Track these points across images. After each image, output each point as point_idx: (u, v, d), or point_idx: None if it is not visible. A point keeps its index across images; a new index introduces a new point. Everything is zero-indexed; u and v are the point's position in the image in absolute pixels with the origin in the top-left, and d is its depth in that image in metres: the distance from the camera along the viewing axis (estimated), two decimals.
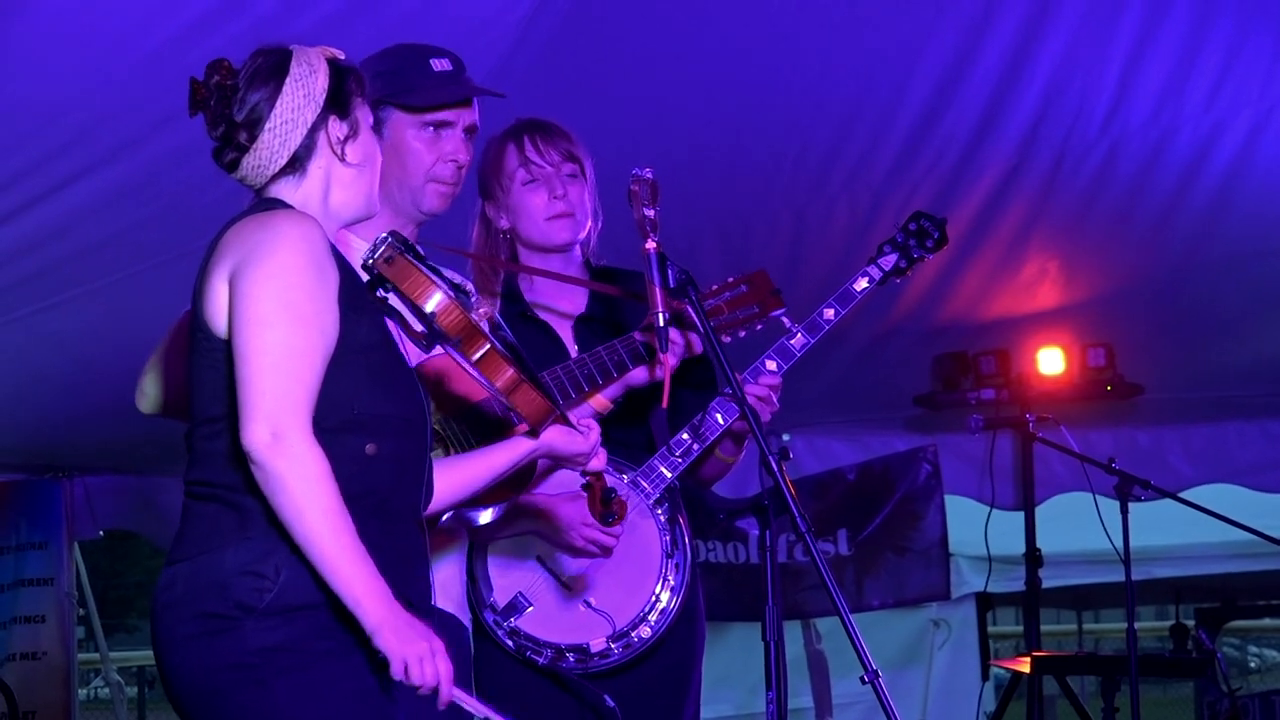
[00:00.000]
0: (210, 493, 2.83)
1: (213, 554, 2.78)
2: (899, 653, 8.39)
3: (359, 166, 2.97)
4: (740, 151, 5.68)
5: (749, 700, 7.96)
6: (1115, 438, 7.42)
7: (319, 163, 2.93)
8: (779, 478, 3.27)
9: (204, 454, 2.85)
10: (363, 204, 3.00)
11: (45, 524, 7.84)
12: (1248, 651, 16.20)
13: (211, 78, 2.91)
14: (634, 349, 3.68)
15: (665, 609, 3.80)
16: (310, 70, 2.92)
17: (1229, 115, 5.69)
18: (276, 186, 2.93)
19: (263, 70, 2.91)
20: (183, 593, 2.80)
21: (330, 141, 2.93)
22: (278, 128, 2.89)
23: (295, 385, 2.72)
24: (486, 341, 2.89)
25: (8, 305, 5.61)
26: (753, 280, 3.81)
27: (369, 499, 2.81)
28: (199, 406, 2.87)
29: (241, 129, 2.89)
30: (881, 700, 3.18)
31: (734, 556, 7.68)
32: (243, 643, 2.74)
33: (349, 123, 2.96)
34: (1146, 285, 6.61)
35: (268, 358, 2.72)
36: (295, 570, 2.74)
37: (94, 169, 4.88)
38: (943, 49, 5.40)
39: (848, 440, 7.96)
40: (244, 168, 2.92)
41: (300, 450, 2.70)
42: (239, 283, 2.76)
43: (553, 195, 3.84)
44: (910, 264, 4.00)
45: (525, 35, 4.89)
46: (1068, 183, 6.00)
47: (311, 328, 2.77)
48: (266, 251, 2.77)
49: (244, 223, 2.86)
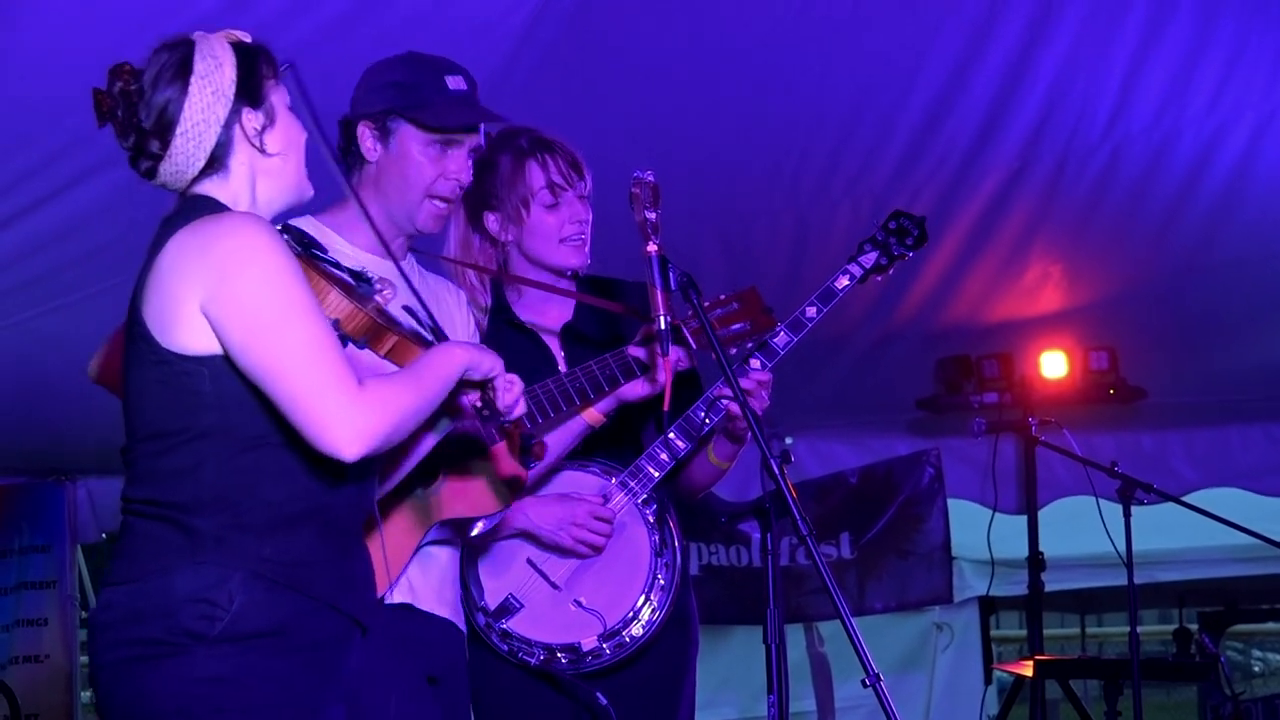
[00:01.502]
0: (157, 512, 2.75)
1: (159, 578, 2.71)
2: (902, 656, 8.39)
3: (282, 154, 2.88)
4: (742, 155, 5.67)
5: (751, 704, 7.96)
6: (1118, 441, 7.42)
7: (240, 158, 2.84)
8: (780, 481, 3.27)
9: (150, 471, 2.77)
10: (293, 192, 2.92)
11: (48, 527, 7.84)
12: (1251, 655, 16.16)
13: (114, 84, 2.82)
14: (625, 363, 3.68)
15: (656, 608, 3.81)
16: (216, 63, 2.82)
17: (1231, 119, 5.69)
18: (201, 186, 2.84)
19: (166, 70, 2.81)
20: (121, 616, 2.72)
21: (247, 134, 2.84)
22: (189, 131, 2.79)
23: (332, 370, 2.67)
24: (393, 336, 2.86)
25: (10, 309, 5.61)
26: (744, 298, 3.81)
27: (320, 514, 2.78)
28: (143, 421, 2.78)
29: (152, 137, 2.80)
30: (883, 704, 3.18)
31: (736, 559, 7.68)
32: (189, 670, 2.67)
33: (264, 111, 2.86)
34: (1149, 289, 6.60)
35: (299, 359, 2.67)
36: (249, 596, 2.69)
37: (95, 172, 4.87)
38: (945, 53, 5.40)
39: (850, 443, 7.96)
40: (162, 174, 2.84)
41: (374, 410, 2.68)
42: (227, 301, 2.69)
43: (573, 219, 3.84)
44: (891, 261, 4.02)
45: (527, 38, 4.89)
46: (1070, 186, 6.00)
47: (316, 310, 2.73)
48: (245, 261, 2.70)
49: (191, 233, 2.76)
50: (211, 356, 2.73)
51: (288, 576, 2.74)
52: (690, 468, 3.96)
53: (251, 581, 2.69)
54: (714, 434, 3.89)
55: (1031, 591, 7.25)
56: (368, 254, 3.54)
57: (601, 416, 3.73)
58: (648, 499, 3.84)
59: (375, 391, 2.70)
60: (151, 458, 2.77)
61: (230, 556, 2.70)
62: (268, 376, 2.69)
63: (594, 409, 3.72)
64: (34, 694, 7.73)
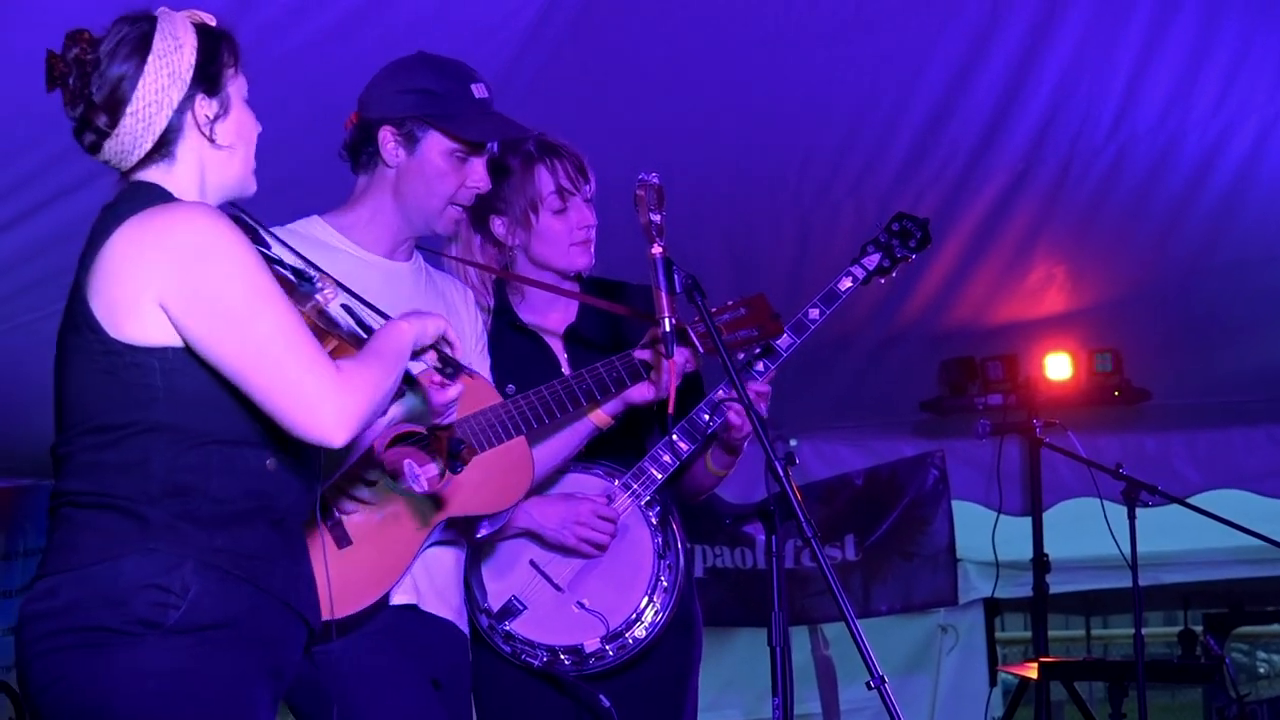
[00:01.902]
0: (104, 502, 2.67)
1: (107, 564, 2.63)
2: (907, 658, 8.38)
3: (231, 147, 2.79)
4: (745, 157, 5.67)
5: (756, 706, 7.97)
6: (1123, 443, 7.42)
7: (188, 145, 2.75)
8: (785, 483, 3.27)
9: (92, 464, 2.69)
10: (237, 185, 2.83)
11: None
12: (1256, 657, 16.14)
13: (70, 50, 2.72)
14: (632, 366, 3.68)
15: (659, 610, 3.82)
16: (175, 44, 2.72)
17: (1236, 121, 5.68)
18: (145, 171, 2.76)
19: (125, 43, 2.71)
20: (69, 601, 2.64)
21: (198, 122, 2.74)
22: (140, 111, 2.70)
23: (307, 358, 2.63)
24: (333, 339, 2.83)
25: (13, 311, 5.61)
26: (752, 303, 3.81)
27: (268, 513, 2.74)
28: (86, 414, 2.71)
29: (101, 111, 2.70)
30: (888, 706, 3.18)
31: (741, 562, 7.68)
32: (145, 661, 2.60)
33: (219, 100, 2.77)
34: (1153, 291, 6.60)
35: (273, 350, 2.62)
36: (203, 585, 2.63)
37: (98, 174, 4.85)
38: (949, 55, 5.40)
39: (855, 446, 7.95)
40: (106, 151, 2.76)
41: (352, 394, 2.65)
42: (190, 295, 2.62)
43: (581, 224, 3.85)
44: (894, 263, 4.02)
45: (531, 41, 4.89)
46: (1075, 188, 5.99)
47: (282, 298, 2.67)
48: (206, 252, 2.63)
49: (142, 223, 2.68)
50: (164, 349, 2.66)
51: (241, 568, 2.68)
52: (689, 473, 3.96)
53: (204, 570, 2.63)
54: (713, 441, 3.89)
55: (1036, 593, 7.24)
56: (373, 254, 3.55)
57: (609, 418, 3.74)
58: (651, 501, 3.85)
59: (351, 374, 2.67)
60: (94, 450, 2.69)
61: (181, 545, 2.63)
62: (241, 370, 2.64)
63: (601, 410, 3.72)
64: None
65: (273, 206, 3.07)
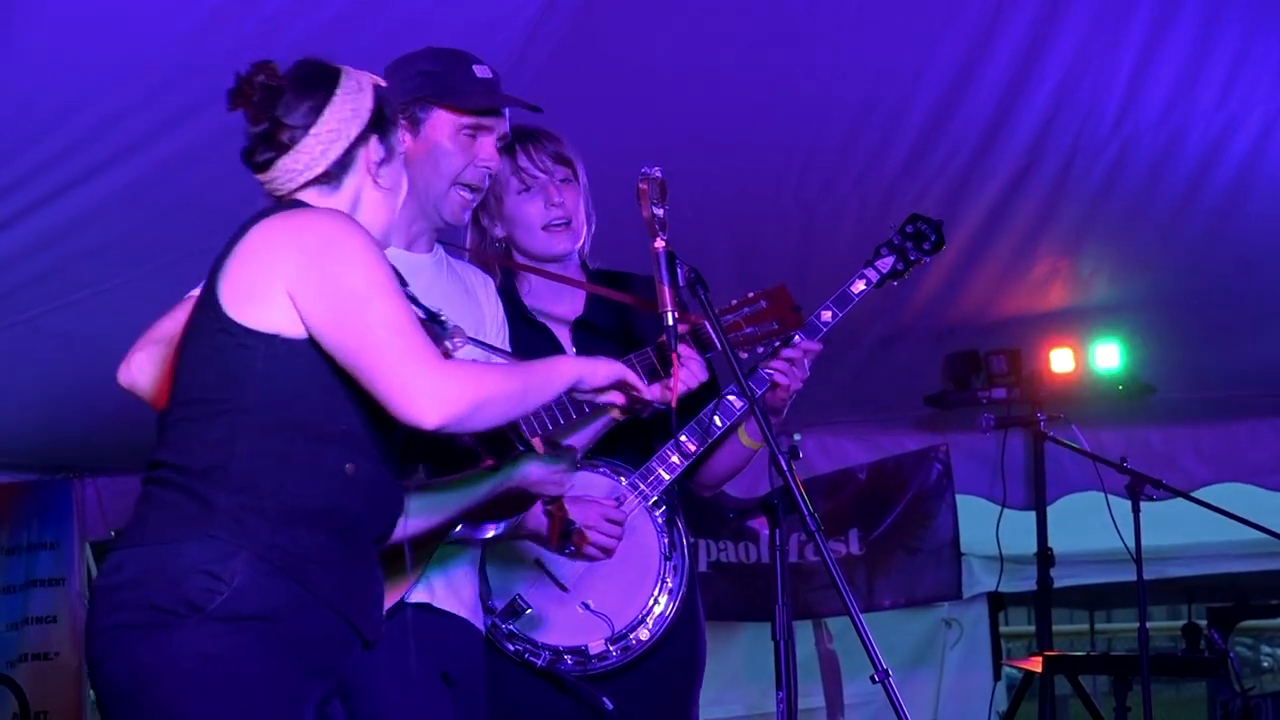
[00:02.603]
0: (179, 480, 2.79)
1: (172, 545, 2.75)
2: (910, 653, 8.38)
3: (388, 191, 2.98)
4: (750, 152, 5.67)
5: (760, 700, 7.96)
6: (1127, 437, 7.41)
7: (353, 180, 2.94)
8: (789, 477, 3.26)
9: (183, 437, 2.82)
10: (381, 230, 3.00)
11: (56, 524, 7.84)
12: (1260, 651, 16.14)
13: (257, 75, 2.90)
14: (650, 365, 3.67)
15: (663, 612, 3.81)
16: (359, 88, 2.94)
17: (1240, 114, 5.67)
18: (305, 194, 2.92)
19: (312, 77, 2.92)
20: (132, 577, 2.76)
21: (368, 161, 2.94)
22: (323, 134, 2.89)
23: (415, 343, 2.75)
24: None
25: (18, 306, 5.61)
26: (772, 296, 3.79)
27: (336, 519, 2.80)
28: (188, 385, 2.84)
29: (285, 129, 2.88)
30: (892, 700, 3.17)
31: (745, 556, 7.67)
32: (181, 644, 2.70)
33: (386, 146, 2.97)
34: (1158, 285, 6.60)
35: (383, 333, 2.74)
36: (252, 577, 2.72)
37: (103, 168, 4.88)
38: (952, 49, 5.39)
39: (859, 440, 7.95)
40: (278, 169, 2.91)
41: (458, 380, 2.75)
42: (317, 281, 2.77)
43: (549, 203, 3.84)
44: (908, 266, 4.00)
45: (534, 36, 4.89)
46: (1079, 182, 5.99)
47: (401, 295, 2.80)
48: (335, 243, 2.79)
49: (282, 219, 2.84)
50: (273, 336, 2.78)
51: (292, 566, 2.76)
52: (718, 454, 3.94)
53: (256, 563, 2.72)
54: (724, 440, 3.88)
55: (1040, 587, 7.24)
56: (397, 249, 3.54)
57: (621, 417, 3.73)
58: (657, 501, 3.83)
59: (462, 366, 2.81)
60: (187, 422, 2.82)
61: (241, 535, 2.73)
62: (352, 351, 2.75)
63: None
64: (43, 691, 7.73)
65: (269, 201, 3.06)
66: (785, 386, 3.80)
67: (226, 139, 4.90)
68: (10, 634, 7.85)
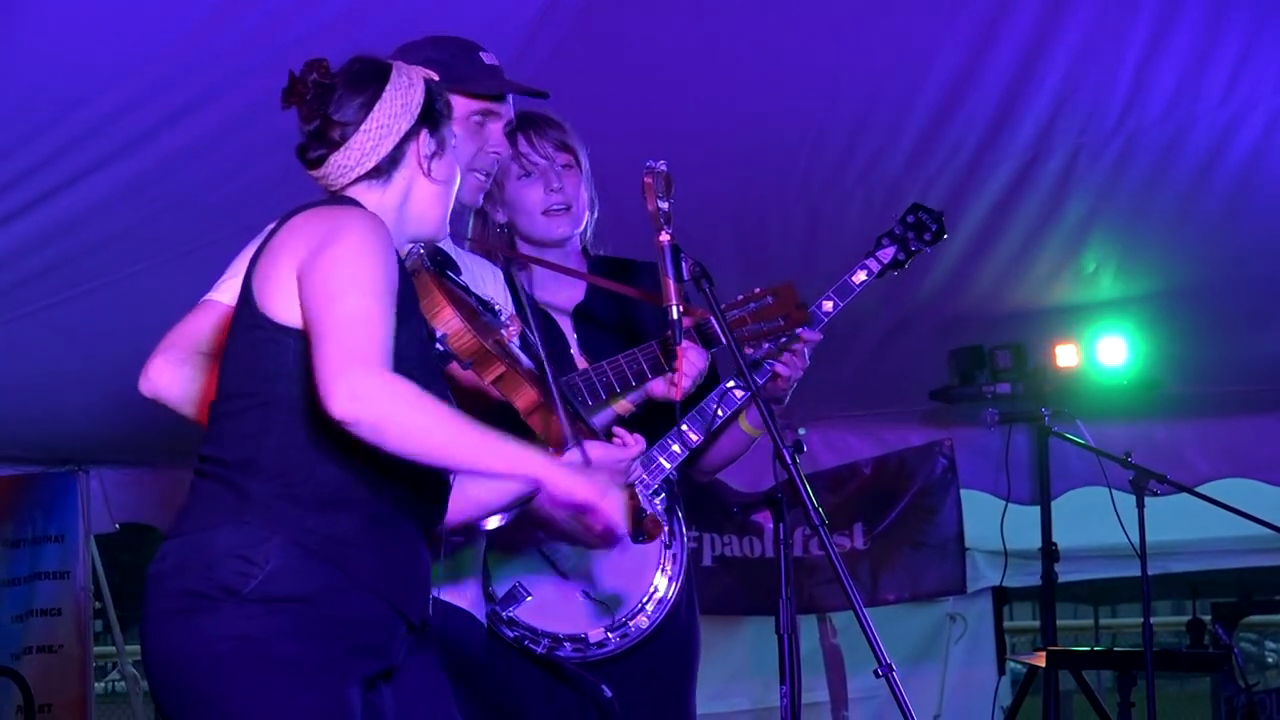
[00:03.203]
0: (217, 471, 2.85)
1: (207, 532, 2.80)
2: (915, 647, 8.38)
3: (441, 184, 3.01)
4: (755, 146, 5.67)
5: (764, 694, 7.96)
6: (1131, 432, 7.40)
7: (404, 173, 2.97)
8: (792, 471, 3.26)
9: (222, 431, 2.87)
10: (436, 223, 3.04)
11: (61, 517, 7.83)
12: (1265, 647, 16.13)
13: (310, 74, 2.93)
14: (655, 358, 3.68)
15: (663, 599, 3.82)
16: (409, 83, 2.97)
17: (1245, 109, 5.66)
18: (356, 189, 2.95)
19: (363, 74, 2.95)
20: (172, 566, 2.82)
21: (419, 155, 2.97)
22: (373, 130, 2.92)
23: (367, 342, 2.72)
24: (502, 365, 2.94)
25: (21, 300, 5.62)
26: (779, 292, 3.80)
27: (370, 504, 2.83)
28: (226, 379, 2.90)
29: (336, 126, 2.92)
30: (896, 694, 3.17)
31: (749, 550, 7.66)
32: (219, 626, 2.75)
33: (437, 139, 3.00)
34: (1163, 279, 6.59)
35: (341, 324, 2.73)
36: (285, 561, 2.76)
37: (105, 164, 4.88)
38: (957, 43, 5.39)
39: (864, 434, 7.95)
40: (330, 165, 2.94)
41: (385, 388, 2.70)
42: (311, 268, 2.79)
43: (549, 189, 3.86)
44: (909, 256, 4.01)
45: (538, 32, 4.89)
46: (1084, 177, 5.98)
47: (383, 298, 2.78)
48: (341, 234, 2.80)
49: (313, 212, 2.89)
50: (302, 330, 2.81)
51: (325, 550, 2.79)
52: (724, 438, 3.95)
53: (289, 547, 2.76)
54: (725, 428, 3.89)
55: (1044, 582, 7.24)
56: None
57: (632, 407, 3.74)
58: (657, 490, 3.84)
59: (399, 381, 2.72)
60: (226, 417, 2.87)
61: (274, 521, 2.78)
62: (313, 332, 2.75)
63: (625, 400, 3.73)
64: (47, 684, 7.73)
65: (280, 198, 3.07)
66: (786, 377, 3.82)
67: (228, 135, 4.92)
68: (15, 626, 7.85)
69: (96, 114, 4.69)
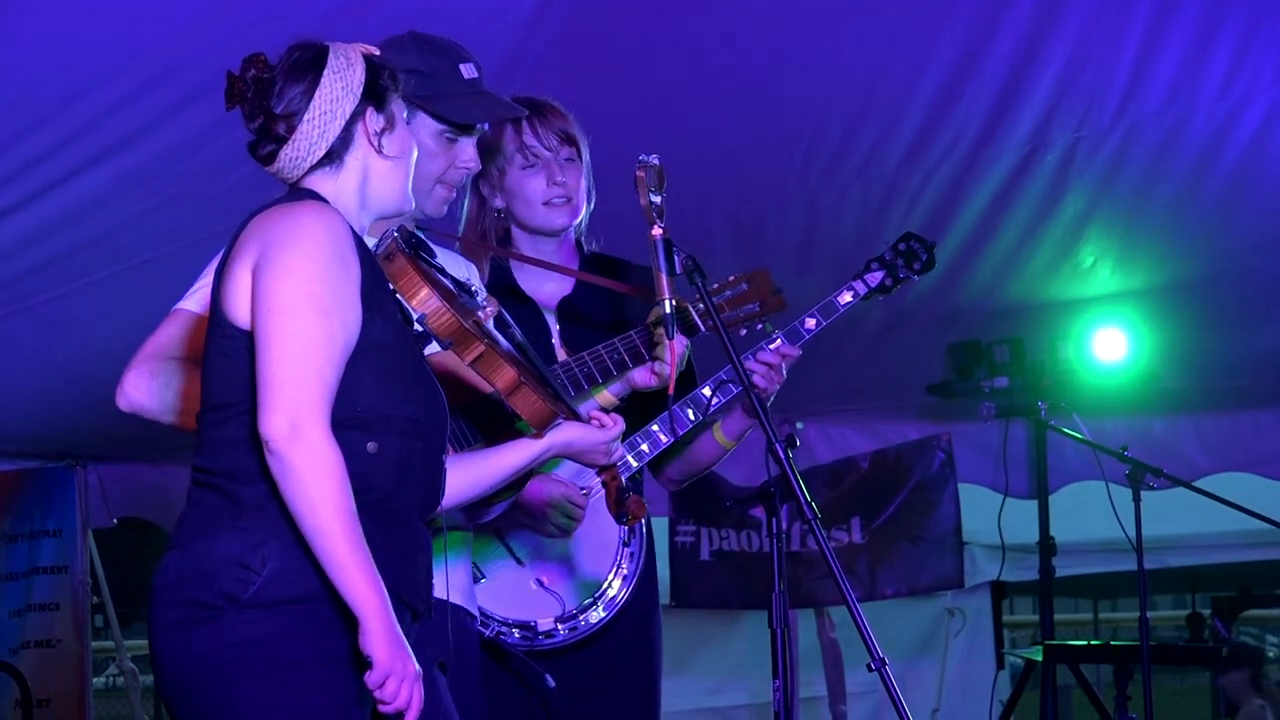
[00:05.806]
0: (210, 480, 2.84)
1: (205, 541, 2.80)
2: (913, 641, 8.39)
3: (395, 159, 2.98)
4: (753, 139, 5.66)
5: (762, 689, 7.95)
6: (1129, 426, 7.40)
7: (356, 155, 2.94)
8: (785, 465, 3.26)
9: (209, 441, 2.87)
10: (399, 198, 3.02)
11: (59, 512, 7.85)
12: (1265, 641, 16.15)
13: (248, 71, 2.91)
14: (634, 348, 3.69)
15: (615, 597, 3.82)
16: (347, 63, 2.93)
17: (1244, 102, 5.66)
18: (312, 179, 2.93)
19: (300, 63, 2.92)
20: (175, 577, 2.82)
21: (368, 134, 2.94)
22: (316, 119, 2.90)
23: (314, 377, 2.73)
24: (481, 344, 2.91)
25: (20, 294, 5.62)
26: (754, 279, 3.81)
27: (367, 496, 2.81)
28: (208, 393, 2.89)
29: (279, 120, 2.90)
30: (889, 688, 3.17)
31: (747, 544, 7.67)
32: (223, 634, 2.75)
33: (385, 115, 2.97)
34: (1161, 273, 6.59)
35: (288, 348, 2.72)
36: (282, 563, 2.76)
37: (104, 157, 4.88)
38: (955, 37, 5.38)
39: (861, 428, 7.95)
40: (281, 159, 2.93)
41: (317, 444, 2.71)
42: (260, 273, 2.77)
43: (551, 181, 3.87)
44: (896, 283, 4.03)
45: (537, 22, 4.88)
46: (1082, 171, 5.98)
47: (333, 320, 2.77)
48: (289, 242, 2.78)
49: (268, 212, 2.87)
50: None
51: None
52: (694, 447, 3.95)
53: (287, 549, 2.76)
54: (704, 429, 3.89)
55: (1042, 576, 7.24)
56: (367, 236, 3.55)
57: (615, 399, 3.74)
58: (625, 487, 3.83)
59: (337, 454, 2.72)
60: (211, 427, 2.86)
61: (268, 524, 2.77)
62: (259, 351, 2.75)
63: (608, 392, 3.73)
64: (45, 679, 7.74)
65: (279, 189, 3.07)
66: (763, 388, 3.80)
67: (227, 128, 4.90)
68: (13, 621, 7.87)
69: (95, 107, 4.69)
